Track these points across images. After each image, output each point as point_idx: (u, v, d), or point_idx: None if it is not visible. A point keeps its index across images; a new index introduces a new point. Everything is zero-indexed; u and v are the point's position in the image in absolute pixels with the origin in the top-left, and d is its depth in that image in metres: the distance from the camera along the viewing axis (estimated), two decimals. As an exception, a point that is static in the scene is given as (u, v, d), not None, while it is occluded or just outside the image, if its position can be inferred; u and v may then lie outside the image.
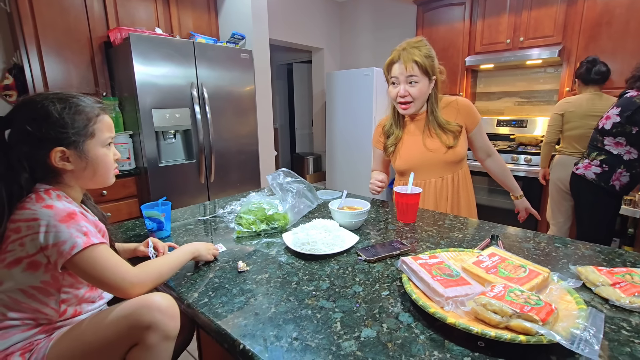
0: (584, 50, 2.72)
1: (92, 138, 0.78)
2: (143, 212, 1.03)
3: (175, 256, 0.81)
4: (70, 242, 0.68)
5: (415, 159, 1.35)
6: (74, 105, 0.76)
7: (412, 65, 1.23)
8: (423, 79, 1.26)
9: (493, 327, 0.57)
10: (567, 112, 2.31)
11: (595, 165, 1.95)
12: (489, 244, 0.96)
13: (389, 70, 1.31)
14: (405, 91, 1.27)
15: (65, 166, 0.76)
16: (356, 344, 0.57)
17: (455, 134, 1.31)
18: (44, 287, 0.73)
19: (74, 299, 0.78)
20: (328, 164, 4.44)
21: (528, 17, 2.93)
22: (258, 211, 1.10)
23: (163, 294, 0.72)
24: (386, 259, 0.89)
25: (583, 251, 0.92)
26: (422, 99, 1.30)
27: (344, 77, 3.96)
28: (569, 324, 0.56)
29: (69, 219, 0.69)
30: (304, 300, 0.71)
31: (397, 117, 1.40)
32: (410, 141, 1.37)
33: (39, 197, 0.71)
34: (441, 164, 1.33)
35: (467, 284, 0.68)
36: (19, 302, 0.72)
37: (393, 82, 1.30)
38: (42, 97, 0.75)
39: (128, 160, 2.33)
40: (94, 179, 0.82)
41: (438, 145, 1.32)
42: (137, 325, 0.67)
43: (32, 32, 2.04)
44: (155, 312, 0.67)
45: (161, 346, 0.69)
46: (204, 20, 2.89)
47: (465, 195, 1.39)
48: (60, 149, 0.74)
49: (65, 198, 0.75)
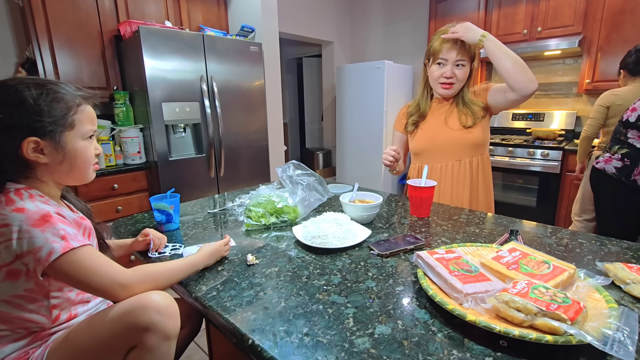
0: (605, 41, 2.61)
1: (71, 129, 0.71)
2: (152, 204, 1.02)
3: (179, 266, 0.74)
4: (47, 248, 0.62)
5: (433, 139, 1.34)
6: (52, 92, 0.69)
7: (464, 51, 1.23)
8: (468, 63, 1.27)
9: (516, 325, 0.54)
10: (614, 105, 2.15)
11: (616, 159, 1.87)
12: (507, 239, 0.91)
13: (440, 51, 1.26)
14: (452, 73, 1.26)
15: (39, 158, 0.69)
16: (370, 341, 0.55)
17: (478, 115, 1.29)
18: (30, 295, 0.68)
19: (66, 302, 0.74)
20: (338, 159, 4.40)
21: (546, 6, 2.82)
22: (267, 204, 1.08)
23: (160, 292, 0.67)
24: (400, 254, 0.85)
25: (609, 247, 0.87)
26: (463, 82, 1.30)
27: (354, 71, 3.90)
28: (599, 324, 0.52)
29: (43, 222, 0.63)
30: (314, 294, 0.68)
31: (426, 97, 1.40)
32: (434, 121, 1.37)
33: (8, 200, 0.64)
34: (459, 145, 1.31)
35: (487, 280, 0.65)
36: (6, 314, 0.67)
37: (440, 62, 1.28)
38: (17, 81, 0.68)
39: (139, 154, 2.34)
40: (71, 175, 0.74)
41: (457, 126, 1.31)
42: (134, 328, 0.62)
43: (44, 26, 2.05)
44: (153, 313, 0.62)
45: (162, 347, 0.64)
46: (214, 13, 2.87)
47: (484, 185, 1.36)
48: (34, 139, 0.67)
49: (39, 197, 0.68)
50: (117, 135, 2.33)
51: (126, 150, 2.32)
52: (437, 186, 1.35)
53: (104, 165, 2.23)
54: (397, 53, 4.17)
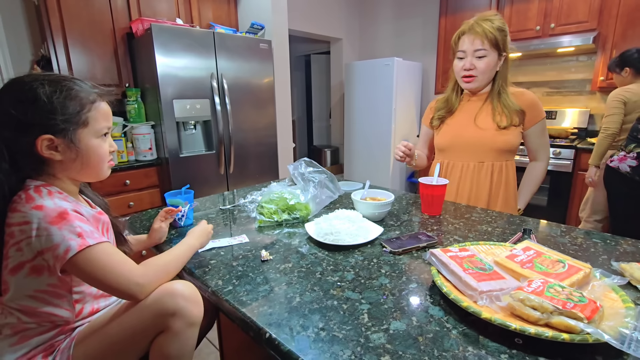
0: (621, 37, 2.56)
1: (84, 127, 0.71)
2: (167, 199, 1.04)
3: (182, 252, 0.78)
4: (64, 245, 0.63)
5: (457, 136, 1.29)
6: (66, 89, 0.69)
7: (482, 38, 1.16)
8: (492, 52, 1.18)
9: (531, 323, 0.54)
10: (631, 102, 2.09)
11: (631, 157, 1.84)
12: (520, 237, 0.91)
13: (457, 43, 1.24)
14: (472, 64, 1.20)
15: (53, 156, 0.69)
16: (385, 337, 0.55)
17: (513, 118, 1.22)
18: (53, 290, 0.70)
19: (89, 297, 0.76)
20: (346, 157, 4.39)
21: (560, 1, 2.77)
22: (280, 201, 1.09)
23: (184, 282, 0.71)
24: (412, 251, 0.86)
25: (625, 247, 0.86)
26: (488, 75, 1.22)
27: (363, 68, 3.89)
28: (616, 323, 0.52)
29: (61, 219, 0.64)
30: (329, 290, 0.69)
31: (457, 92, 1.34)
32: (461, 117, 1.31)
33: (28, 197, 0.65)
34: (485, 147, 1.25)
35: (502, 278, 0.65)
36: (31, 308, 0.69)
37: (460, 56, 1.24)
38: (32, 78, 0.68)
39: (150, 151, 2.37)
40: (85, 171, 0.74)
41: (490, 125, 1.24)
42: (162, 313, 0.66)
43: (59, 24, 2.08)
44: (179, 299, 0.66)
45: (187, 332, 0.68)
46: (224, 11, 2.88)
47: (505, 193, 1.28)
48: (48, 137, 0.67)
49: (57, 194, 0.69)
50: (129, 132, 2.36)
51: (138, 147, 2.35)
52: (456, 185, 1.32)
53: (116, 161, 2.26)
54: (406, 50, 4.14)
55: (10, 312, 0.70)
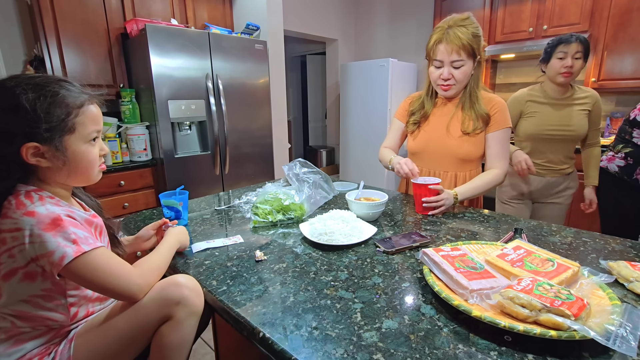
0: (612, 39, 2.59)
1: (71, 133, 0.68)
2: (161, 200, 1.04)
3: (168, 251, 0.81)
4: (59, 253, 0.62)
5: (428, 145, 1.31)
6: (51, 95, 0.66)
7: (458, 49, 1.15)
8: (468, 61, 1.18)
9: (520, 321, 0.55)
10: None
11: (619, 157, 1.87)
12: (512, 237, 0.93)
13: (433, 52, 1.21)
14: (449, 74, 1.20)
15: (40, 162, 0.67)
16: (377, 335, 0.56)
17: (480, 123, 1.23)
18: (47, 294, 0.70)
19: (83, 300, 0.75)
20: (341, 157, 4.41)
21: (552, 3, 2.80)
22: (274, 201, 1.09)
23: (186, 275, 0.74)
24: (405, 251, 0.87)
25: (613, 246, 0.88)
26: (465, 82, 1.23)
27: (358, 69, 3.90)
28: (602, 320, 0.53)
29: (54, 226, 0.63)
30: (322, 290, 0.70)
31: (431, 95, 1.34)
32: (435, 123, 1.32)
33: (19, 203, 0.64)
34: (450, 158, 1.28)
35: (492, 276, 0.66)
36: (26, 313, 0.69)
37: (436, 65, 1.22)
38: (15, 83, 0.65)
39: (145, 152, 2.37)
40: (74, 177, 0.73)
41: (457, 133, 1.26)
42: (167, 303, 0.69)
43: (52, 24, 2.07)
44: (184, 289, 0.70)
45: (189, 321, 0.71)
46: (219, 11, 2.88)
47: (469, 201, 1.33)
48: (33, 145, 0.65)
49: (49, 199, 0.67)
50: (124, 133, 2.35)
51: (132, 148, 2.34)
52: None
53: (111, 162, 2.25)
54: (401, 51, 4.17)
55: (3, 317, 0.69)
